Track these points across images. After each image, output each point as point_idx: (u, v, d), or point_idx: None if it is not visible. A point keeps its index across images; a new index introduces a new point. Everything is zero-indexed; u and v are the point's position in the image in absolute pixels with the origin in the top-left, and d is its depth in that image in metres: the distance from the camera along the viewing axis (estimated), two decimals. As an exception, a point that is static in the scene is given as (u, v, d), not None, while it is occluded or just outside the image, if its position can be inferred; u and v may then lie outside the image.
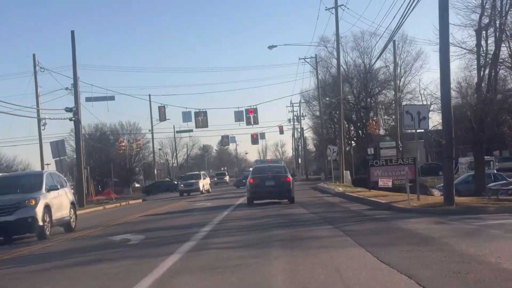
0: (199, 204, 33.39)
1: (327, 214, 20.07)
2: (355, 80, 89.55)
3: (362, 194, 29.64)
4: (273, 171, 29.30)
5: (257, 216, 21.02)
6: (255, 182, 27.79)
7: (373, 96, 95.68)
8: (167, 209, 31.72)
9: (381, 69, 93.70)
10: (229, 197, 41.25)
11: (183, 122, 54.29)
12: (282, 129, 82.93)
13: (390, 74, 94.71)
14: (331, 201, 27.87)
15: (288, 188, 27.18)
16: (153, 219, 23.25)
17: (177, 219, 22.13)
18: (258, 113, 54.37)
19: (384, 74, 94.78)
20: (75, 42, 43.67)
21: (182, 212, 27.08)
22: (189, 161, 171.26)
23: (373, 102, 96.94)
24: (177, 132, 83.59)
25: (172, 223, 20.35)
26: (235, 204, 30.43)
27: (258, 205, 27.57)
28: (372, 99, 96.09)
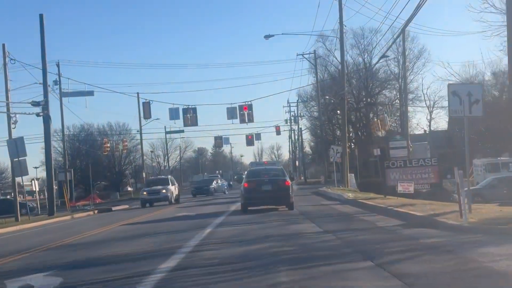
0: (181, 214, 27.12)
1: (350, 234, 13.79)
2: (354, 79, 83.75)
3: (381, 202, 23.45)
4: (270, 174, 26.04)
5: (251, 236, 14.74)
6: (250, 187, 24.47)
7: (373, 96, 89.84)
8: (140, 219, 25.53)
9: (381, 68, 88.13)
10: (215, 202, 35.07)
11: (170, 120, 48.11)
12: (279, 129, 76.78)
13: (391, 72, 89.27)
14: (344, 212, 21.64)
15: (287, 193, 23.99)
16: (105, 239, 16.87)
17: (134, 241, 15.62)
18: (254, 111, 48.11)
19: (385, 72, 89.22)
20: (44, 27, 37.44)
21: (153, 224, 20.97)
22: (183, 164, 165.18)
23: (373, 102, 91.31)
24: (168, 132, 77.29)
25: (123, 248, 13.91)
26: (227, 212, 24.28)
27: (253, 213, 22.94)
28: (372, 99, 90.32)
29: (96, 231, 20.20)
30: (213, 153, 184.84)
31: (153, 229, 19.15)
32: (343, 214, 20.49)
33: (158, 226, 20.44)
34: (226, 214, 24.44)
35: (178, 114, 47.43)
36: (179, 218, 24.52)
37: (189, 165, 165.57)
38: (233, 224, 18.65)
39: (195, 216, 25.10)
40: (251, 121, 47.60)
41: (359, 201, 25.76)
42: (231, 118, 47.57)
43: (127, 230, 19.91)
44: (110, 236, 17.94)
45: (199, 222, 21.12)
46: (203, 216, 24.39)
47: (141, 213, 31.75)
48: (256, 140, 73.21)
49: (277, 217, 20.79)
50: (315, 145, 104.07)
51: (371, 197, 28.29)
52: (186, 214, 26.54)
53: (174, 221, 22.65)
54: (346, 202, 27.65)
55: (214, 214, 24.74)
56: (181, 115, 47.34)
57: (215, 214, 24.67)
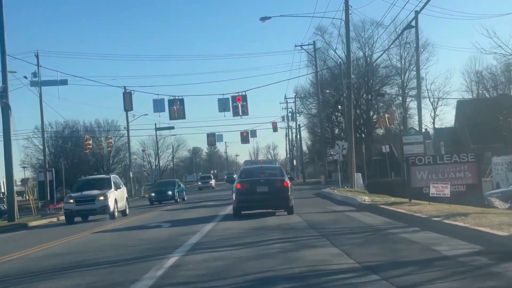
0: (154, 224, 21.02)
1: (413, 276, 7.70)
2: (354, 76, 77.88)
3: (413, 209, 17.40)
4: (266, 173, 22.40)
5: (239, 278, 8.57)
6: (243, 188, 20.97)
7: (373, 92, 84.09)
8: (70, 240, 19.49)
9: (382, 63, 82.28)
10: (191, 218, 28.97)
11: (155, 112, 42.05)
12: (275, 125, 70.73)
13: (393, 67, 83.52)
14: (371, 224, 15.51)
15: (286, 195, 20.65)
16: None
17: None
18: (248, 103, 42.11)
19: (386, 67, 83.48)
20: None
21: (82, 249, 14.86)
22: (178, 164, 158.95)
23: (373, 99, 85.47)
24: (157, 129, 71.21)
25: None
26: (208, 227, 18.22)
27: (246, 221, 18.58)
28: (372, 96, 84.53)
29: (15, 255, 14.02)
30: (208, 152, 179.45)
31: (87, 255, 12.90)
32: (371, 229, 14.38)
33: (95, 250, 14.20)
34: (214, 222, 18.39)
35: (164, 106, 41.43)
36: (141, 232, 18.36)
37: (184, 165, 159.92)
38: (214, 247, 12.49)
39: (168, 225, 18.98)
40: (246, 113, 41.62)
41: (381, 207, 19.75)
42: (223, 111, 41.59)
43: (35, 261, 13.62)
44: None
45: (167, 238, 15.05)
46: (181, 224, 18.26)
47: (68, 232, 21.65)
48: (252, 137, 67.28)
49: (278, 232, 14.74)
50: (312, 144, 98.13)
51: (393, 201, 22.25)
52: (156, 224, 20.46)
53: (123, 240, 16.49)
54: (362, 207, 21.64)
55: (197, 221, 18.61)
56: (167, 107, 41.34)
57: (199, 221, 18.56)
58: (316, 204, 26.32)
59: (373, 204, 21.35)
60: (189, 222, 20.88)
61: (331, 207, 23.51)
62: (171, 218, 24.14)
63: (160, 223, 21.31)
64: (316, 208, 23.55)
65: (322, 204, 26.57)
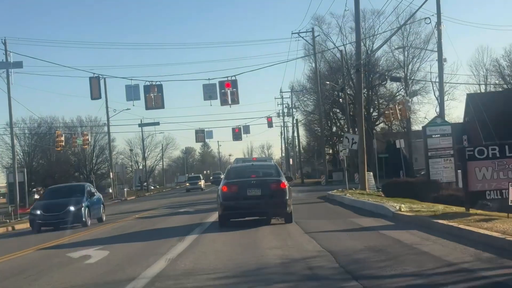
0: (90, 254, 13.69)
1: None
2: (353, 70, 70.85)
3: (494, 226, 10.22)
4: (259, 173, 18.00)
5: None
6: (230, 191, 16.46)
7: (373, 88, 77.16)
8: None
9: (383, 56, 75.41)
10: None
11: (127, 101, 34.65)
12: (271, 120, 63.31)
13: (396, 59, 76.56)
14: (454, 262, 8.21)
15: (283, 199, 16.12)
16: None
17: None
18: (241, 97, 34.84)
19: (388, 61, 76.54)
20: None
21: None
22: (171, 164, 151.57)
23: (374, 94, 78.63)
24: (141, 125, 63.75)
25: None
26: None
27: (234, 239, 12.86)
28: (372, 91, 77.67)
29: None
30: (201, 153, 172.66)
31: None
32: (458, 272, 7.12)
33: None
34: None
35: (138, 93, 34.07)
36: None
37: (177, 165, 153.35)
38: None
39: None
40: (236, 102, 34.20)
41: (436, 222, 12.51)
42: (209, 99, 34.25)
43: None
44: None
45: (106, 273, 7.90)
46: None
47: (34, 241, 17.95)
48: (245, 134, 59.86)
49: (286, 284, 7.48)
50: (309, 142, 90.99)
51: (442, 211, 14.95)
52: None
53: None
54: (403, 221, 14.44)
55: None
56: (142, 93, 34.00)
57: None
58: (329, 214, 19.08)
59: (418, 216, 14.16)
60: (160, 234, 15.76)
61: (353, 219, 16.17)
62: (142, 227, 19.29)
63: (128, 233, 16.48)
64: (332, 220, 16.30)
65: (337, 213, 19.28)
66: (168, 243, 13.02)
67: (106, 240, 15.39)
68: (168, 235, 15.22)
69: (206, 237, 14.21)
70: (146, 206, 36.50)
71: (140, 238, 15.46)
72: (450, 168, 27.51)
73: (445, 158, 27.71)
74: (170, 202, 40.35)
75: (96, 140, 77.08)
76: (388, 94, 78.76)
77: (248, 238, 12.95)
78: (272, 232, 13.99)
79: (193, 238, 13.99)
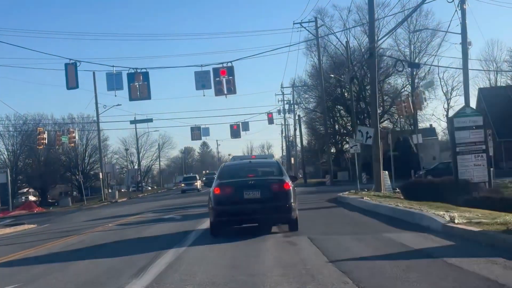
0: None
1: None
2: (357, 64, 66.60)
3: None
4: (258, 172, 14.87)
5: None
6: (224, 194, 13.45)
7: (377, 84, 72.73)
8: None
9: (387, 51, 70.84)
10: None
11: (108, 90, 30.08)
12: (271, 116, 58.76)
13: (401, 53, 72.15)
14: None
15: (287, 203, 13.23)
16: None
17: None
18: (240, 92, 30.36)
19: (391, 55, 71.94)
20: None
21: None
22: (170, 165, 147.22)
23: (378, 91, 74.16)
24: (133, 122, 59.15)
25: None
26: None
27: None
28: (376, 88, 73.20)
29: None
30: (201, 152, 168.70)
31: None
32: None
33: None
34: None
35: (121, 81, 29.52)
36: None
37: (176, 165, 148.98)
38: None
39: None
40: (232, 91, 29.69)
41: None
42: (202, 88, 29.77)
43: None
44: None
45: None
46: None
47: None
48: (243, 131, 55.17)
49: None
50: (311, 141, 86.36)
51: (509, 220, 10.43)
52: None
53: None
54: (459, 237, 10.07)
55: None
56: (125, 83, 29.47)
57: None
58: (352, 225, 14.46)
59: (488, 233, 9.62)
60: (133, 248, 12.63)
61: (388, 234, 11.56)
62: (113, 238, 15.53)
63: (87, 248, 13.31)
64: (359, 236, 11.73)
65: (362, 224, 14.65)
66: (139, 263, 9.46)
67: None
68: (143, 249, 12.03)
69: (192, 253, 10.97)
70: (133, 210, 31.97)
71: (104, 254, 12.11)
72: (482, 166, 23.29)
73: (476, 154, 23.42)
74: (160, 205, 35.79)
75: (89, 139, 72.61)
76: (392, 90, 74.51)
77: (246, 262, 8.65)
78: (279, 255, 9.54)
79: (174, 255, 10.71)
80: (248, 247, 10.87)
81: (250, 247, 10.83)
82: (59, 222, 28.06)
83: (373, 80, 28.44)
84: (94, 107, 52.96)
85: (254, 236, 12.59)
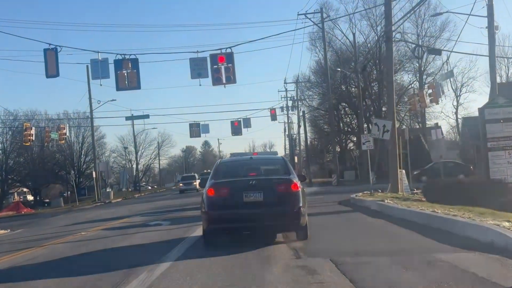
0: None
1: None
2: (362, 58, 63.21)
3: None
4: (260, 170, 12.62)
5: None
6: (219, 196, 11.24)
7: (383, 80, 69.31)
8: None
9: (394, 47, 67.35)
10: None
11: (93, 79, 26.79)
12: (274, 113, 55.42)
13: (409, 48, 68.68)
14: None
15: (295, 207, 10.96)
16: None
17: None
18: (237, 74, 27.00)
19: (398, 51, 68.61)
20: None
21: None
22: (172, 164, 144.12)
23: (384, 87, 70.81)
24: (129, 118, 55.84)
25: None
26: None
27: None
28: (382, 85, 69.88)
29: None
30: (202, 152, 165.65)
31: None
32: None
33: None
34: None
35: (107, 69, 26.19)
36: None
37: (178, 165, 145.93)
38: None
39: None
40: (232, 81, 26.30)
41: None
42: (198, 76, 26.40)
43: None
44: None
45: None
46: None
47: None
48: (245, 128, 51.85)
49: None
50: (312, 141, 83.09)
51: None
52: None
53: None
54: None
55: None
56: (112, 70, 26.14)
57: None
58: (383, 239, 11.10)
59: None
60: (102, 264, 9.97)
61: (440, 256, 8.20)
62: (81, 251, 12.78)
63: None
64: (401, 257, 8.35)
65: (395, 236, 11.30)
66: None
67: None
68: (108, 267, 9.30)
69: (177, 270, 8.53)
70: (121, 213, 28.70)
71: (49, 274, 9.16)
72: (517, 164, 20.11)
73: (510, 151, 20.30)
74: (154, 207, 32.48)
75: (85, 136, 69.35)
76: (398, 88, 71.16)
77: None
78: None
79: (153, 275, 8.20)
80: (247, 275, 7.58)
81: (249, 276, 7.53)
82: (37, 226, 24.75)
83: (390, 66, 25.03)
84: (88, 102, 49.68)
85: (255, 248, 10.01)
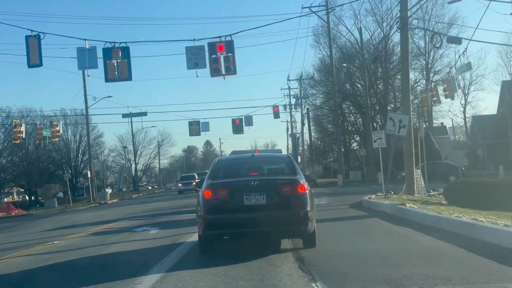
0: None
1: None
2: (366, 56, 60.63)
3: None
4: (263, 169, 11.37)
5: None
6: (217, 198, 9.91)
7: (389, 78, 66.98)
8: None
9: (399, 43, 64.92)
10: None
11: (79, 69, 24.49)
12: (277, 110, 52.97)
13: (416, 45, 66.40)
14: None
15: (302, 211, 9.77)
16: None
17: None
18: (238, 70, 24.69)
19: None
20: None
21: None
22: (173, 164, 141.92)
23: (389, 86, 68.42)
24: (125, 115, 53.49)
25: None
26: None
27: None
28: (388, 83, 67.54)
29: None
30: (204, 151, 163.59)
31: None
32: None
33: None
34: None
35: (95, 58, 23.78)
36: None
37: (179, 164, 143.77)
38: None
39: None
40: (232, 72, 23.89)
41: None
42: (195, 67, 24.03)
43: None
44: None
45: None
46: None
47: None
48: (247, 126, 49.47)
49: None
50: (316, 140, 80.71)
51: None
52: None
53: None
54: None
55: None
56: (101, 61, 23.76)
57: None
58: (421, 257, 8.70)
59: None
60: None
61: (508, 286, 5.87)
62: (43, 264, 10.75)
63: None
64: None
65: (435, 253, 8.90)
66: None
67: None
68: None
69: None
70: (112, 216, 26.36)
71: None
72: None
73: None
74: (148, 209, 30.11)
75: (82, 135, 67.01)
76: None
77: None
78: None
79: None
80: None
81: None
82: (17, 231, 22.38)
83: (406, 55, 22.56)
84: (83, 98, 47.36)
85: (255, 258, 8.57)
